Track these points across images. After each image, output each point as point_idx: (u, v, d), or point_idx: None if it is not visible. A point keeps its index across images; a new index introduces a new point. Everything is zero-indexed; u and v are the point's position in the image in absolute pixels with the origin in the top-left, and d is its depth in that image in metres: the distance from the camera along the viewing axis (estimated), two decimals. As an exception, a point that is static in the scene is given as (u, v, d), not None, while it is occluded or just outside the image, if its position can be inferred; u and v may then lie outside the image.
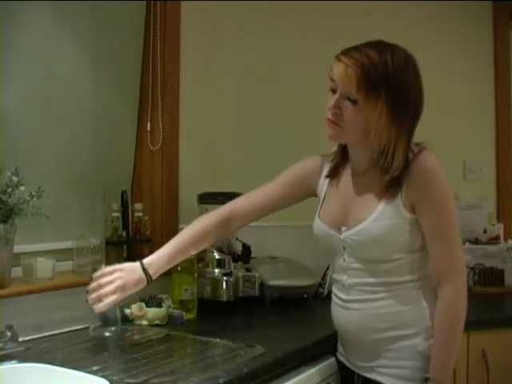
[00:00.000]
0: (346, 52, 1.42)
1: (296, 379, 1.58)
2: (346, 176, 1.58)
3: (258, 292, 2.17)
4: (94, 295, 1.47)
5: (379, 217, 1.45)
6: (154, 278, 1.55)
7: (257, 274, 2.18)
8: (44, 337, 1.68)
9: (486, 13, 2.94)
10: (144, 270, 1.53)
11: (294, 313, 2.13)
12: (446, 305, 1.44)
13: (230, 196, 1.99)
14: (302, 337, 1.74)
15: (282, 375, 1.55)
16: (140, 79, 2.21)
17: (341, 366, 1.66)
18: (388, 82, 1.38)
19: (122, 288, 1.49)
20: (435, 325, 1.46)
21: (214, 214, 1.68)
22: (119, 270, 1.51)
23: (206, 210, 2.08)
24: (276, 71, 2.54)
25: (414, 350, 1.47)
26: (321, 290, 2.34)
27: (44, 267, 1.73)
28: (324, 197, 1.62)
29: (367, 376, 1.53)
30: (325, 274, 2.35)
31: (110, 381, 1.28)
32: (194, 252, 1.68)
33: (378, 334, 1.49)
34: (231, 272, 2.09)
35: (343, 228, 1.52)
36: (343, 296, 1.55)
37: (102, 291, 1.47)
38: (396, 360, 1.48)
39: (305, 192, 1.68)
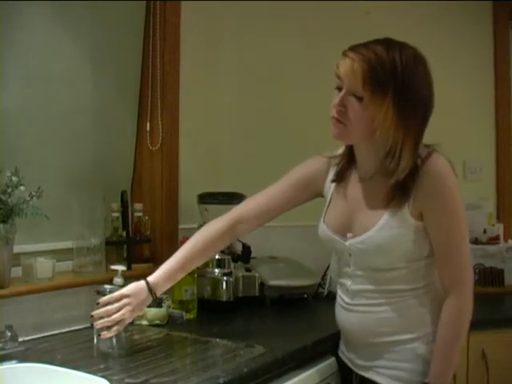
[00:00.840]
0: (353, 48, 1.41)
1: (296, 379, 1.58)
2: (353, 180, 1.55)
3: (258, 292, 2.17)
4: (101, 322, 1.47)
5: (385, 225, 1.42)
6: (158, 294, 1.56)
7: (257, 274, 2.18)
8: (44, 337, 1.68)
9: (486, 13, 2.94)
10: (150, 290, 1.53)
11: (294, 313, 2.12)
12: (452, 312, 1.43)
13: (230, 196, 1.99)
14: (302, 337, 1.74)
15: (282, 375, 1.55)
16: (140, 79, 2.21)
17: (341, 366, 1.65)
18: (396, 81, 1.36)
19: (129, 314, 1.49)
20: (438, 331, 1.44)
21: (224, 219, 1.65)
22: (126, 295, 1.50)
23: (206, 210, 2.09)
24: (276, 71, 2.54)
25: (413, 353, 1.46)
26: (321, 290, 2.34)
27: (44, 267, 1.73)
28: (329, 201, 1.60)
29: (365, 375, 1.53)
30: (325, 274, 2.35)
31: (109, 381, 1.28)
32: (204, 260, 1.68)
33: (379, 338, 1.49)
34: (231, 272, 2.09)
35: (349, 235, 1.50)
36: (347, 300, 1.54)
37: (111, 318, 1.46)
38: (395, 361, 1.48)
39: (312, 193, 1.66)
